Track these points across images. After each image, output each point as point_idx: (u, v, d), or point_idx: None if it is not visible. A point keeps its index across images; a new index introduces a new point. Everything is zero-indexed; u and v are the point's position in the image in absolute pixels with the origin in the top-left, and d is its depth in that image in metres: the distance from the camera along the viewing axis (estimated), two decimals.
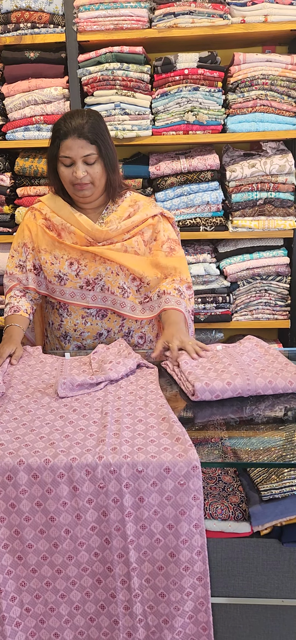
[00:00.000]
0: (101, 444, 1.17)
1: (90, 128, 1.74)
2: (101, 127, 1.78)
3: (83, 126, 1.73)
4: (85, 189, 1.78)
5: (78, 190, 1.79)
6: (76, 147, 1.73)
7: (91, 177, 1.77)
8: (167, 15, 2.36)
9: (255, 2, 2.35)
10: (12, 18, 2.43)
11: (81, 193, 1.80)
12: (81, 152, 1.74)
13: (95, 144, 1.74)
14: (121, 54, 2.40)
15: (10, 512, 1.16)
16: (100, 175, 1.78)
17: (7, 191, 2.57)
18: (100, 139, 1.76)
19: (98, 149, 1.75)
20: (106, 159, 1.78)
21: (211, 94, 2.42)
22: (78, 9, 2.39)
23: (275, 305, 2.65)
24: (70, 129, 1.73)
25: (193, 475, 1.10)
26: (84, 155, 1.74)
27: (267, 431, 1.28)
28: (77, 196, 1.82)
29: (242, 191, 2.50)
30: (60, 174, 1.80)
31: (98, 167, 1.77)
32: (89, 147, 1.74)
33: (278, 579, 1.21)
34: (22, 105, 2.49)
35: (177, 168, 2.51)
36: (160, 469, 1.11)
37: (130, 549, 1.15)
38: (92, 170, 1.76)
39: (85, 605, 1.20)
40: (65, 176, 1.79)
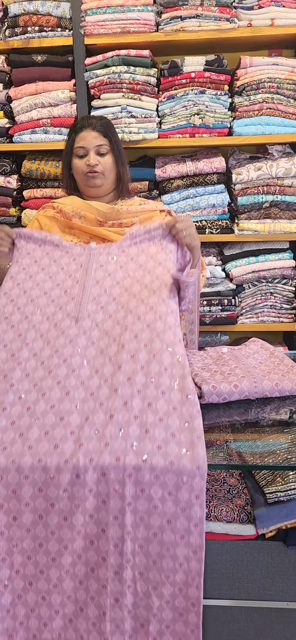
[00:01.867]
0: (107, 435, 1.15)
1: (103, 124, 1.95)
2: (113, 129, 1.99)
3: (96, 122, 1.94)
4: (96, 177, 1.90)
5: (90, 178, 1.90)
6: (90, 137, 1.91)
7: (102, 167, 1.90)
8: (173, 19, 2.37)
9: (261, 6, 2.35)
10: (20, 22, 2.45)
11: (92, 181, 1.90)
12: (94, 142, 1.90)
13: (107, 138, 1.93)
14: (128, 57, 2.41)
15: (11, 497, 1.16)
16: (111, 166, 1.92)
17: (13, 193, 2.59)
18: (111, 135, 1.95)
19: (109, 142, 1.93)
20: (116, 152, 1.95)
21: (217, 97, 2.42)
22: (85, 13, 2.40)
23: (280, 308, 2.65)
24: (85, 123, 1.94)
25: (197, 474, 1.09)
26: (97, 144, 1.90)
27: (273, 434, 1.28)
28: (88, 186, 1.92)
29: (248, 194, 2.50)
30: (74, 166, 1.94)
31: (109, 159, 1.92)
32: (102, 139, 1.92)
33: (283, 581, 1.21)
34: (29, 108, 2.50)
35: (183, 171, 2.51)
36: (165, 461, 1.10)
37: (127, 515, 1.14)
38: (103, 160, 1.91)
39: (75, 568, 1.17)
40: (78, 167, 1.92)
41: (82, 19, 2.41)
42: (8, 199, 2.59)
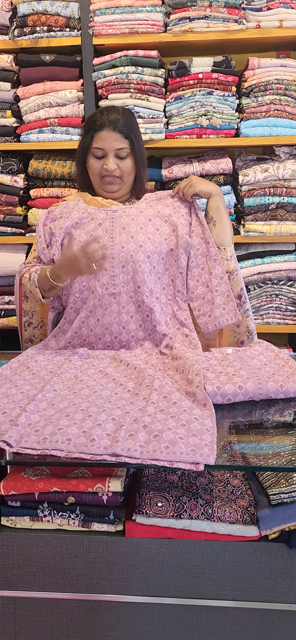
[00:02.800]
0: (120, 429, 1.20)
1: (125, 123, 1.81)
2: (135, 124, 1.87)
3: (118, 120, 1.80)
4: (113, 183, 1.84)
5: (106, 183, 1.84)
6: (110, 139, 1.79)
7: (121, 171, 1.83)
8: (182, 20, 2.37)
9: (270, 7, 2.35)
10: (28, 21, 2.46)
11: (109, 187, 1.85)
12: (114, 145, 1.80)
13: (128, 139, 1.81)
14: (136, 58, 2.41)
15: None
16: (130, 170, 1.85)
17: (20, 192, 2.60)
18: (133, 135, 1.83)
19: (131, 144, 1.82)
20: (137, 155, 1.85)
21: (225, 98, 2.42)
22: (94, 13, 2.41)
23: (285, 310, 2.64)
24: (106, 121, 1.80)
25: None
26: (117, 148, 1.80)
27: (277, 435, 1.28)
28: (104, 190, 1.86)
29: (254, 195, 2.50)
30: (90, 166, 1.85)
31: (129, 162, 1.83)
32: (123, 141, 1.81)
33: (286, 583, 1.20)
34: (37, 107, 2.51)
35: (189, 171, 2.52)
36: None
37: None
38: (122, 165, 1.82)
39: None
40: (94, 168, 1.84)
41: (90, 19, 2.42)
42: (15, 198, 2.60)
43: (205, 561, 1.21)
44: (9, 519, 1.27)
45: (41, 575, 1.25)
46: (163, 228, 1.83)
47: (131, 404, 1.32)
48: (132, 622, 1.25)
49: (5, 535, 1.25)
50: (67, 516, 1.24)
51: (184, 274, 1.84)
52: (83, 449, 1.14)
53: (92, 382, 1.49)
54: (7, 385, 1.45)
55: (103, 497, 1.22)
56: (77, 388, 1.44)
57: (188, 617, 1.24)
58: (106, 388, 1.44)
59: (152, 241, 1.80)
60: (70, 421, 1.23)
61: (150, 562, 1.22)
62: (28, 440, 1.17)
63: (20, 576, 1.25)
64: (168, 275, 1.85)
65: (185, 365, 1.51)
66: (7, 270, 2.66)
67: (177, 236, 1.82)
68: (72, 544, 1.23)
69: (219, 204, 1.86)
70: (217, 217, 1.86)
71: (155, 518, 1.22)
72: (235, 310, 1.80)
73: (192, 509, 1.22)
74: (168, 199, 1.92)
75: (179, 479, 1.31)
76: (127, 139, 1.81)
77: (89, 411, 1.28)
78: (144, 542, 1.21)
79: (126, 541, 1.22)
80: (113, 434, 1.19)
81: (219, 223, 1.86)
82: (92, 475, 1.24)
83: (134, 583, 1.23)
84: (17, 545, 1.24)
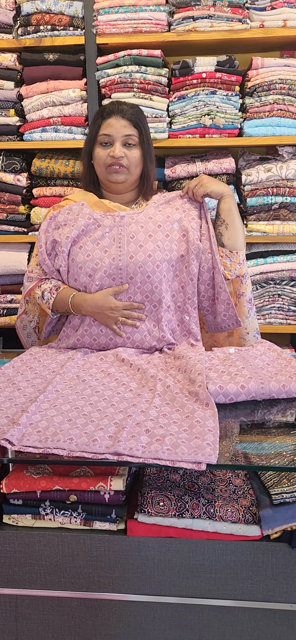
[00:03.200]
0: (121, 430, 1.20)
1: (134, 113, 1.78)
2: (144, 118, 1.83)
3: (127, 109, 1.78)
4: (119, 172, 1.77)
5: (112, 172, 1.77)
6: (118, 125, 1.75)
7: (128, 160, 1.76)
8: (186, 19, 2.37)
9: (274, 7, 2.35)
10: (32, 20, 2.46)
11: (115, 177, 1.78)
12: (122, 131, 1.75)
13: (137, 128, 1.77)
14: (139, 57, 2.41)
15: None
16: (137, 161, 1.78)
17: (23, 191, 2.60)
18: (142, 126, 1.79)
19: (139, 133, 1.77)
20: (145, 146, 1.79)
21: (228, 97, 2.42)
22: (98, 12, 2.41)
23: (288, 310, 2.64)
24: (115, 109, 1.77)
25: None
26: (125, 134, 1.76)
27: (279, 435, 1.28)
28: (110, 180, 1.79)
29: (257, 195, 2.49)
30: (96, 156, 1.79)
31: (136, 152, 1.78)
32: (131, 128, 1.76)
33: (287, 583, 1.20)
34: (40, 106, 2.51)
35: (192, 171, 2.51)
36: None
37: None
38: (130, 153, 1.76)
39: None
40: (100, 157, 1.78)
41: (94, 18, 2.42)
42: (17, 197, 2.60)
43: (207, 560, 1.21)
44: (11, 517, 1.27)
45: (43, 574, 1.25)
46: (173, 234, 1.78)
47: (133, 406, 1.32)
48: (134, 621, 1.25)
49: (7, 533, 1.25)
50: (68, 514, 1.24)
51: (195, 280, 1.79)
52: (85, 448, 1.14)
53: (95, 381, 1.49)
54: (10, 389, 1.45)
55: (105, 496, 1.22)
56: (79, 388, 1.44)
57: (189, 616, 1.24)
58: (108, 388, 1.44)
59: (161, 249, 1.75)
60: (72, 425, 1.24)
61: (152, 561, 1.22)
62: (30, 439, 1.17)
63: (22, 574, 1.26)
64: (178, 282, 1.80)
65: (188, 364, 1.51)
66: (9, 269, 2.66)
67: (187, 241, 1.78)
68: (74, 542, 1.23)
69: (231, 206, 1.81)
70: (229, 219, 1.81)
71: (157, 517, 1.22)
72: (235, 316, 1.78)
73: (194, 508, 1.22)
74: (177, 201, 1.87)
75: (181, 478, 1.31)
76: (136, 127, 1.77)
77: (92, 416, 1.28)
78: (146, 541, 1.22)
79: (128, 540, 1.22)
80: (115, 435, 1.19)
81: (231, 226, 1.81)
82: (94, 474, 1.24)
83: (136, 582, 1.23)
84: (19, 543, 1.25)
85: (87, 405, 1.34)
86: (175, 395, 1.37)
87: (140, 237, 1.75)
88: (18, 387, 1.45)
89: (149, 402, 1.34)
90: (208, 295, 1.82)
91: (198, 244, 1.78)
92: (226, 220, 1.81)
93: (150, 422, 1.24)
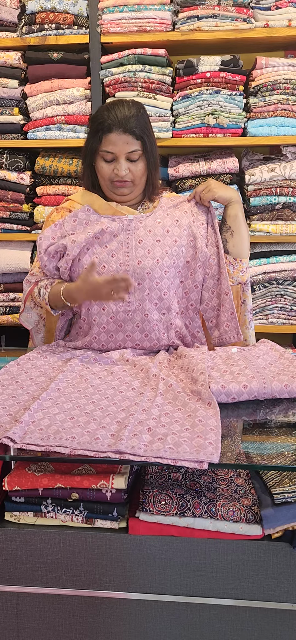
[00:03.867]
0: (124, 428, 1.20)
1: (136, 122, 1.66)
2: (146, 121, 1.72)
3: (129, 119, 1.64)
4: (125, 187, 1.72)
5: (117, 187, 1.72)
6: (121, 142, 1.65)
7: (133, 175, 1.70)
8: (190, 18, 2.37)
9: (279, 7, 2.35)
10: (37, 19, 2.46)
11: (120, 191, 1.73)
12: (126, 149, 1.66)
13: (140, 140, 1.67)
14: (143, 56, 2.41)
15: None
16: (142, 173, 1.72)
17: (26, 190, 2.61)
18: (145, 134, 1.68)
19: (143, 145, 1.69)
20: (150, 156, 1.72)
21: (232, 97, 2.42)
22: (102, 11, 2.41)
23: (290, 311, 2.64)
24: (116, 122, 1.64)
25: None
26: (129, 151, 1.67)
27: (281, 435, 1.28)
28: (115, 194, 1.75)
29: (261, 195, 2.49)
30: (99, 169, 1.72)
31: (141, 165, 1.70)
32: (134, 143, 1.66)
33: (289, 583, 1.20)
34: (44, 105, 2.52)
35: (196, 170, 2.51)
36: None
37: None
38: (134, 168, 1.69)
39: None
40: (104, 172, 1.71)
41: (98, 17, 2.42)
42: (21, 195, 2.61)
43: (208, 559, 1.21)
44: (13, 514, 1.27)
45: (44, 571, 1.25)
46: (181, 239, 1.74)
47: (135, 405, 1.32)
48: (134, 619, 1.25)
49: (9, 530, 1.25)
50: (70, 512, 1.25)
51: (199, 288, 1.77)
52: (88, 446, 1.14)
53: (97, 380, 1.49)
54: (13, 387, 1.45)
55: (107, 494, 1.23)
56: (81, 387, 1.44)
57: (190, 615, 1.24)
58: (111, 386, 1.44)
59: (169, 255, 1.71)
60: (75, 424, 1.24)
61: (153, 559, 1.22)
62: (32, 436, 1.18)
63: (23, 571, 1.26)
64: (182, 288, 1.78)
65: (190, 363, 1.51)
66: (12, 267, 2.67)
67: (195, 248, 1.75)
68: (75, 540, 1.23)
69: (238, 212, 1.77)
70: (235, 226, 1.77)
71: (158, 516, 1.22)
72: (237, 328, 1.76)
73: (196, 507, 1.22)
74: (185, 205, 1.83)
75: (183, 477, 1.31)
76: (139, 140, 1.67)
77: (94, 415, 1.28)
78: (147, 539, 1.22)
79: (129, 538, 1.22)
80: (117, 433, 1.19)
81: (237, 233, 1.77)
82: (96, 472, 1.24)
83: (137, 580, 1.23)
84: (21, 540, 1.25)
85: (89, 403, 1.34)
86: (177, 394, 1.37)
87: (148, 242, 1.71)
88: (21, 385, 1.46)
89: (151, 401, 1.34)
90: (213, 305, 1.79)
91: (206, 251, 1.75)
92: (232, 227, 1.78)
93: (152, 421, 1.24)
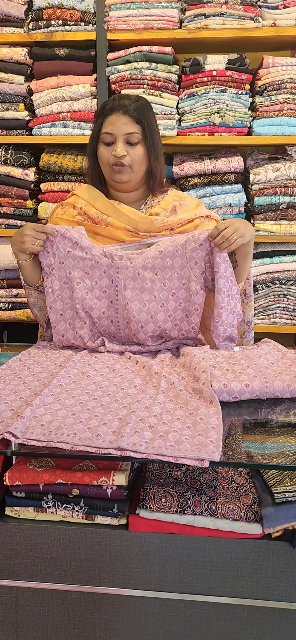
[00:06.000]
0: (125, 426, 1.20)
1: (136, 107, 1.69)
2: (148, 111, 1.73)
3: (129, 105, 1.69)
4: (123, 173, 1.70)
5: (116, 172, 1.71)
6: (119, 123, 1.67)
7: (131, 159, 1.69)
8: (197, 16, 2.36)
9: (286, 6, 2.34)
10: (44, 15, 2.46)
11: (118, 176, 1.71)
12: (124, 129, 1.67)
13: (139, 124, 1.68)
14: (150, 54, 2.41)
15: None
16: (141, 159, 1.71)
17: (31, 186, 2.61)
18: (145, 120, 1.69)
19: (142, 129, 1.69)
20: (149, 142, 1.71)
21: (238, 96, 2.41)
22: (109, 8, 2.41)
23: (293, 311, 2.63)
24: (116, 105, 1.69)
25: None
26: (127, 132, 1.67)
27: (282, 435, 1.28)
28: (114, 180, 1.73)
29: (265, 194, 2.49)
30: (99, 154, 1.73)
31: (139, 150, 1.70)
32: (133, 125, 1.68)
33: (288, 582, 1.20)
34: (50, 101, 2.52)
35: (200, 169, 2.51)
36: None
37: None
38: (133, 152, 1.69)
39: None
40: (103, 156, 1.72)
41: (105, 14, 2.42)
42: (25, 192, 2.61)
43: (208, 557, 1.21)
44: (13, 509, 1.27)
45: (44, 566, 1.26)
46: (180, 292, 1.67)
47: (137, 402, 1.32)
48: (133, 616, 1.25)
49: (9, 525, 1.25)
50: (71, 508, 1.25)
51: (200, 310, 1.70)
52: (89, 442, 1.14)
53: (99, 377, 1.49)
54: (15, 382, 1.45)
55: (107, 491, 1.23)
56: (83, 383, 1.44)
57: (189, 613, 1.24)
58: (113, 384, 1.44)
59: (157, 299, 1.68)
60: (76, 420, 1.24)
61: (153, 556, 1.22)
62: (33, 432, 1.18)
63: (22, 566, 1.26)
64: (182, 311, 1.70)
65: (192, 362, 1.51)
66: (15, 263, 2.64)
67: (188, 290, 1.68)
68: (76, 536, 1.24)
69: (250, 251, 1.70)
70: (243, 263, 1.71)
71: (158, 513, 1.22)
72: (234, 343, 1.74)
73: (196, 505, 1.22)
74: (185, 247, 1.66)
75: (183, 475, 1.31)
76: (139, 124, 1.68)
77: (95, 411, 1.28)
78: (147, 536, 1.22)
79: (129, 535, 1.23)
80: (119, 430, 1.19)
81: (242, 268, 1.72)
82: (97, 469, 1.24)
83: (136, 577, 1.24)
84: (21, 535, 1.25)
85: (91, 400, 1.34)
86: (179, 392, 1.37)
87: (137, 284, 1.67)
88: (23, 381, 1.46)
89: (153, 399, 1.34)
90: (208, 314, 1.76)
91: (202, 301, 1.68)
92: (239, 262, 1.72)
93: (153, 419, 1.24)
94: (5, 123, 2.57)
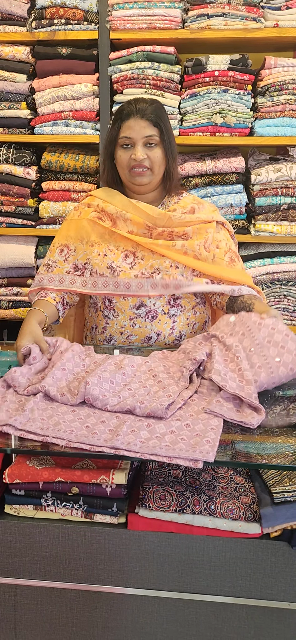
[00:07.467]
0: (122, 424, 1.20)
1: (153, 111, 1.72)
2: (163, 113, 1.76)
3: (146, 108, 1.71)
4: (143, 175, 1.72)
5: (135, 175, 1.72)
6: (138, 127, 1.70)
7: (150, 161, 1.71)
8: (200, 17, 2.37)
9: (289, 7, 2.34)
10: (46, 14, 2.47)
11: (138, 179, 1.73)
12: (143, 132, 1.70)
13: (157, 127, 1.71)
14: (152, 54, 2.41)
15: None
16: (160, 161, 1.73)
17: (32, 185, 2.61)
18: (162, 123, 1.72)
19: (160, 132, 1.72)
20: (167, 144, 1.74)
21: (240, 96, 2.41)
22: (112, 7, 2.41)
23: (293, 311, 2.63)
24: (133, 109, 1.71)
25: None
26: (146, 135, 1.70)
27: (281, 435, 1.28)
28: (134, 183, 1.75)
29: (266, 195, 2.49)
30: (118, 158, 1.75)
31: (158, 152, 1.72)
32: (151, 128, 1.71)
33: (286, 582, 1.20)
34: (52, 100, 2.52)
35: (202, 169, 2.51)
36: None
37: None
38: (152, 154, 1.71)
39: None
40: (122, 160, 1.73)
41: (108, 13, 2.42)
42: (26, 190, 2.61)
43: (206, 557, 1.21)
44: (13, 507, 1.28)
45: (42, 564, 1.26)
46: (152, 388, 1.40)
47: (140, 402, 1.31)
48: (131, 614, 1.25)
49: (9, 523, 1.26)
50: (70, 506, 1.25)
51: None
52: (84, 440, 1.15)
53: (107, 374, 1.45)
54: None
55: (106, 489, 1.23)
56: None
57: (187, 612, 1.24)
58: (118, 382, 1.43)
59: (152, 395, 1.39)
60: (75, 417, 1.25)
61: (151, 555, 1.22)
62: (33, 425, 1.19)
63: (21, 564, 1.26)
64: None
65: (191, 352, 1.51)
66: (16, 262, 2.67)
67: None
68: (75, 534, 1.24)
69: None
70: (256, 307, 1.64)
71: (157, 512, 1.22)
72: None
73: (195, 504, 1.22)
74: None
75: (183, 474, 1.31)
76: (156, 126, 1.71)
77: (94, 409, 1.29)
78: (146, 535, 1.22)
79: (128, 534, 1.23)
80: (116, 429, 1.19)
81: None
82: (96, 467, 1.24)
83: (134, 575, 1.24)
84: (20, 533, 1.25)
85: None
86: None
87: (134, 385, 1.42)
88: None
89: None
90: None
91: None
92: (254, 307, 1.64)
93: (153, 418, 1.24)
94: (7, 121, 2.57)
